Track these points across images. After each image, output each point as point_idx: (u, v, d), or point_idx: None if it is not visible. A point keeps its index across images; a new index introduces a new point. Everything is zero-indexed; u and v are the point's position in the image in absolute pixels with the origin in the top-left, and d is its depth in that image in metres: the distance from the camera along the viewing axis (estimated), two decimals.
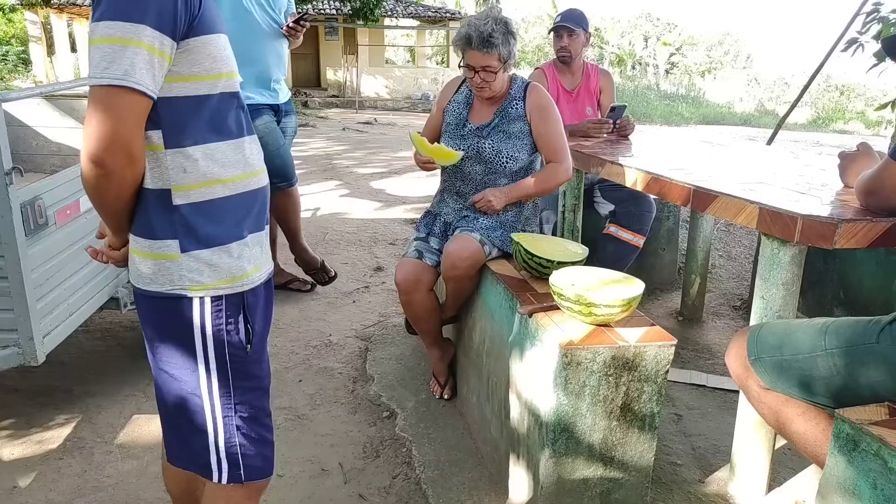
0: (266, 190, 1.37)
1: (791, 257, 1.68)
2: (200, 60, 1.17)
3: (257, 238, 1.32)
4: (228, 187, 1.25)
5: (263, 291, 1.36)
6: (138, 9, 1.07)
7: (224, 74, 1.23)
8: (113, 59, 1.07)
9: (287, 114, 3.36)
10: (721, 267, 4.08)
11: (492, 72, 2.23)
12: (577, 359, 1.62)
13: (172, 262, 1.21)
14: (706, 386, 2.62)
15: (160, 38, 1.09)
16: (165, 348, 1.27)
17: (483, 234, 2.24)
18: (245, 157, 1.29)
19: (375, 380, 2.64)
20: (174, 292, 1.22)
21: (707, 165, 2.45)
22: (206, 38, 1.18)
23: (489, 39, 2.18)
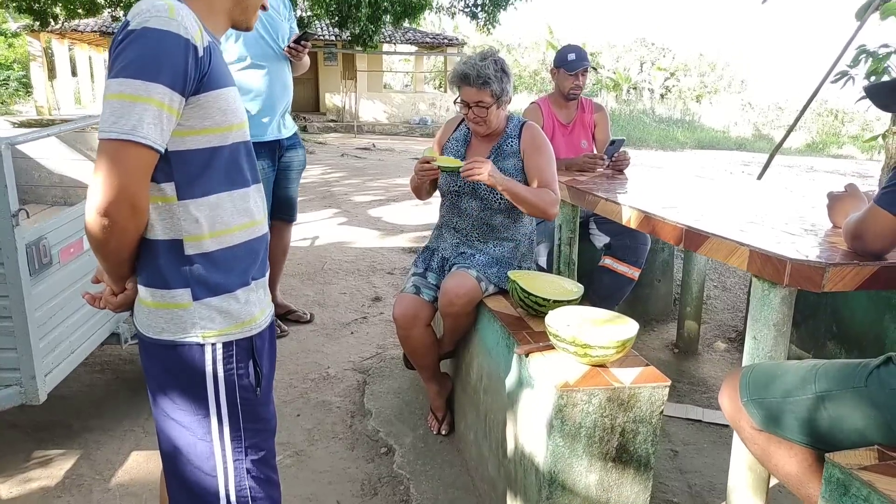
0: (268, 236, 1.41)
1: (781, 299, 1.72)
2: (211, 114, 1.22)
3: (261, 283, 1.37)
4: (237, 236, 1.29)
5: (268, 334, 1.40)
6: (150, 68, 1.12)
7: (235, 126, 1.27)
8: (122, 115, 1.11)
9: (291, 148, 3.34)
10: (716, 298, 4.12)
11: (484, 107, 2.29)
12: (572, 400, 1.65)
13: (185, 311, 1.24)
14: (702, 421, 2.64)
15: (170, 94, 1.14)
16: (175, 396, 1.29)
17: (480, 271, 2.27)
18: (252, 205, 1.33)
19: (373, 414, 2.66)
20: (186, 340, 1.25)
21: (699, 203, 2.50)
22: (217, 92, 1.22)
23: (483, 76, 2.25)
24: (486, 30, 13.57)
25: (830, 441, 1.50)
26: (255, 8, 1.34)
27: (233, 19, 1.33)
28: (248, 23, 1.36)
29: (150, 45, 1.12)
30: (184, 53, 1.14)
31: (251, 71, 3.04)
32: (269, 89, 3.11)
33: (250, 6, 1.33)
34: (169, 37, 1.13)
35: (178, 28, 1.14)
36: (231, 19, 1.33)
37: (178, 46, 1.14)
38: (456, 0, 13.20)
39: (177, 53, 1.14)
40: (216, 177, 1.25)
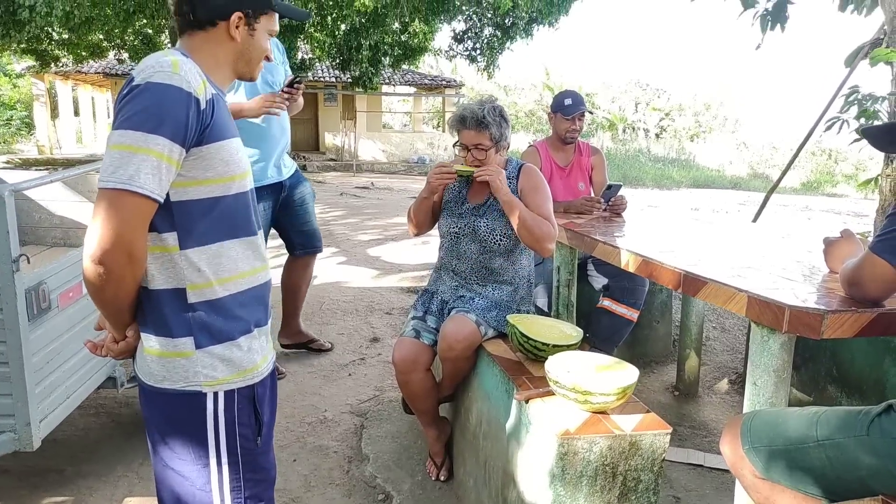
0: (270, 283, 1.42)
1: (781, 345, 1.72)
2: (214, 165, 1.24)
3: (264, 330, 1.37)
4: (240, 283, 1.31)
5: (270, 381, 1.40)
6: (151, 120, 1.15)
7: (237, 176, 1.30)
8: (121, 165, 1.13)
9: (298, 184, 3.42)
10: (715, 339, 4.10)
11: (483, 149, 2.32)
12: (573, 448, 1.63)
13: (187, 360, 1.24)
14: (704, 466, 2.61)
15: (170, 146, 1.16)
16: (176, 445, 1.28)
17: (479, 315, 2.27)
18: (255, 253, 1.35)
19: (371, 459, 2.62)
20: (189, 389, 1.25)
21: (697, 246, 2.52)
22: (219, 144, 1.25)
23: (481, 120, 2.29)
24: (488, 73, 13.80)
25: (833, 490, 1.48)
26: (258, 60, 1.38)
27: (237, 71, 1.37)
28: (251, 74, 1.40)
29: (152, 99, 1.15)
30: (185, 106, 1.17)
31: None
32: (269, 133, 3.16)
33: (254, 58, 1.37)
34: (171, 90, 1.16)
35: (181, 82, 1.18)
36: (236, 71, 1.37)
37: (179, 100, 1.17)
38: (455, 44, 13.44)
39: (178, 106, 1.16)
40: (219, 226, 1.27)
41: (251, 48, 1.35)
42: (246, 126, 3.04)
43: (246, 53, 1.35)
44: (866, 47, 3.99)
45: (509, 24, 12.52)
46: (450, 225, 2.44)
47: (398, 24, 12.20)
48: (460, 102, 2.66)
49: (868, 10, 4.54)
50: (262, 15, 1.34)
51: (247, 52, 1.35)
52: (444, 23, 12.45)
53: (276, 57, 3.25)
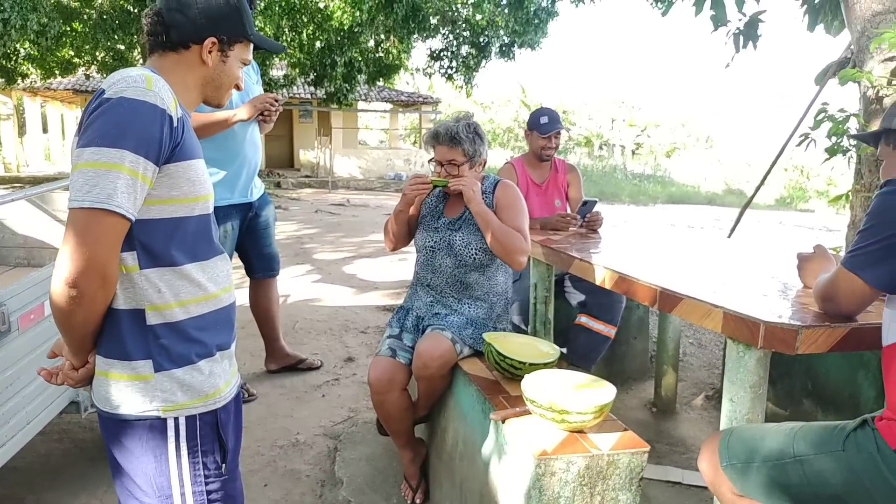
0: (234, 306, 1.38)
1: (756, 360, 1.70)
2: (180, 185, 1.21)
3: (226, 353, 1.33)
4: (202, 306, 1.26)
5: (234, 406, 1.34)
6: (123, 136, 1.11)
7: (201, 197, 1.26)
8: (96, 184, 1.09)
9: (265, 206, 3.39)
10: (692, 355, 4.11)
11: (456, 164, 2.31)
12: (550, 469, 1.60)
13: (146, 383, 1.19)
14: (682, 483, 2.59)
15: (144, 163, 1.13)
16: (136, 474, 1.23)
17: (455, 333, 2.24)
18: (217, 275, 1.31)
19: (345, 483, 2.56)
20: (147, 415, 1.20)
21: (672, 263, 2.51)
22: (187, 163, 1.22)
23: (454, 136, 2.30)
24: (466, 92, 13.87)
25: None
26: (228, 87, 1.36)
27: (205, 95, 1.35)
28: (219, 100, 1.37)
29: (125, 115, 1.12)
30: (159, 123, 1.14)
31: (224, 133, 3.03)
32: (242, 151, 3.12)
33: (223, 84, 1.35)
34: (145, 107, 1.13)
35: (155, 98, 1.15)
36: (203, 95, 1.35)
37: (153, 116, 1.14)
38: (431, 62, 13.51)
39: (152, 123, 1.14)
40: (181, 247, 1.23)
41: (222, 74, 1.33)
42: (218, 144, 2.99)
43: (216, 79, 1.33)
44: (835, 66, 4.07)
45: (485, 43, 12.61)
46: (425, 239, 2.42)
47: (373, 41, 12.23)
48: (437, 119, 2.67)
49: (836, 30, 4.64)
50: (236, 43, 1.33)
51: (217, 79, 1.33)
52: (420, 40, 12.51)
53: (251, 76, 3.22)
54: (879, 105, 3.39)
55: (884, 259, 1.41)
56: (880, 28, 3.28)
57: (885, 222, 1.42)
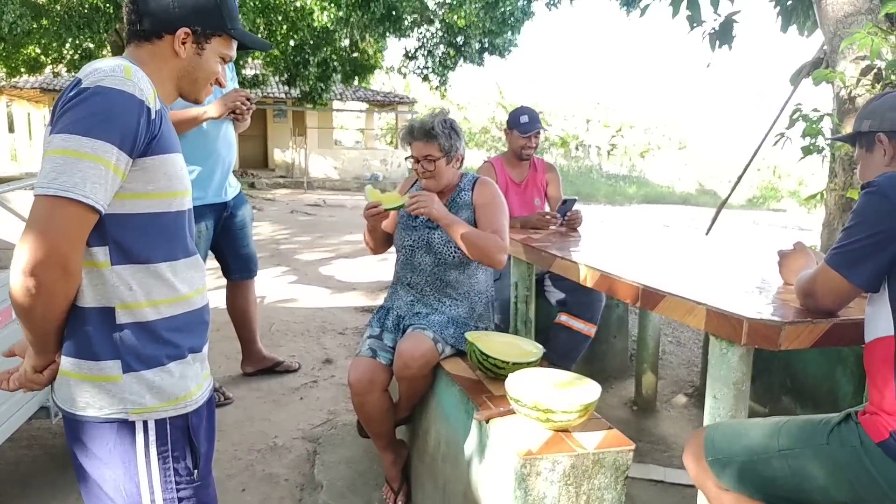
0: (207, 308, 1.34)
1: (740, 357, 1.70)
2: (156, 179, 1.17)
3: (198, 356, 1.29)
4: (174, 307, 1.22)
5: (206, 410, 1.30)
6: (101, 126, 1.07)
7: (179, 193, 1.22)
8: (64, 171, 1.05)
9: (241, 206, 3.32)
10: (672, 353, 4.13)
11: (432, 160, 2.29)
12: (536, 468, 1.58)
13: (113, 385, 1.15)
14: (664, 481, 2.59)
15: (118, 154, 1.09)
16: (104, 480, 1.18)
17: (436, 332, 2.21)
18: (191, 276, 1.27)
19: (324, 487, 2.51)
20: (114, 417, 1.15)
21: (653, 260, 2.51)
22: (164, 157, 1.18)
23: (429, 131, 2.28)
24: (441, 92, 13.86)
25: (795, 499, 1.48)
26: (204, 82, 1.31)
27: (181, 90, 1.30)
28: (196, 95, 1.32)
29: (103, 104, 1.08)
30: (137, 114, 1.10)
31: (196, 131, 2.97)
32: (215, 150, 3.05)
33: (199, 79, 1.30)
34: (123, 97, 1.10)
35: (133, 89, 1.11)
36: (179, 90, 1.30)
37: (131, 107, 1.10)
38: (407, 61, 13.47)
39: (129, 114, 1.10)
40: (156, 244, 1.19)
41: (197, 68, 1.27)
42: (192, 142, 2.92)
43: (191, 73, 1.27)
44: (809, 66, 4.13)
45: (462, 43, 12.61)
46: (404, 238, 2.39)
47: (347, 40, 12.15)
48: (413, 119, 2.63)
49: (809, 31, 4.71)
50: (214, 36, 1.27)
51: (192, 72, 1.27)
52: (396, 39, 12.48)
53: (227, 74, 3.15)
54: (852, 105, 3.45)
55: (866, 257, 1.42)
56: (852, 28, 3.33)
57: (867, 221, 1.42)
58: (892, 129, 1.54)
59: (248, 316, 3.54)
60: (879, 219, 1.40)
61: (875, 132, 1.56)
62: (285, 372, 3.68)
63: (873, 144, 1.58)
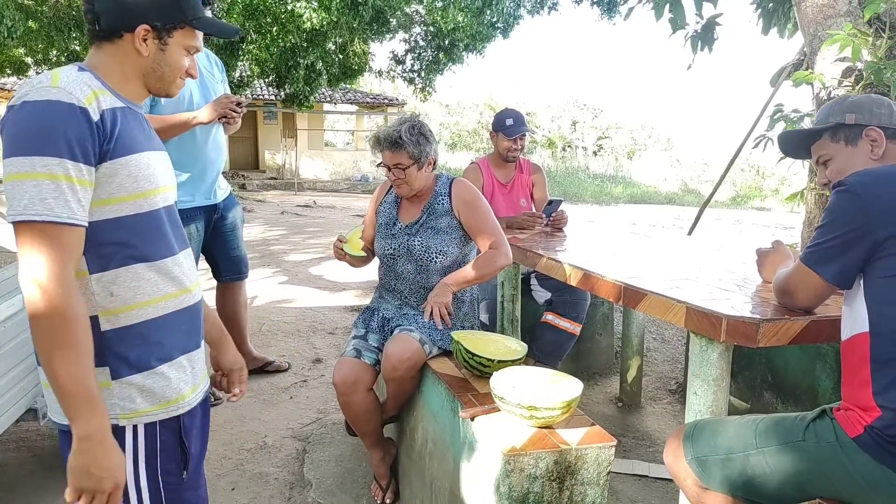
0: (199, 305, 1.34)
1: (719, 354, 1.74)
2: (121, 182, 1.16)
3: (191, 357, 1.28)
4: (160, 307, 1.22)
5: (200, 410, 1.31)
6: (49, 142, 1.06)
7: (149, 192, 1.21)
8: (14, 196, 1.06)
9: (231, 207, 3.34)
10: (656, 350, 4.18)
11: (402, 168, 2.30)
12: (519, 465, 1.61)
13: (103, 391, 1.15)
14: (648, 476, 2.63)
15: (76, 166, 1.08)
16: None
17: (423, 333, 2.24)
18: (178, 273, 1.26)
19: (314, 485, 2.54)
20: None
21: (636, 259, 2.55)
22: (125, 159, 1.16)
23: (396, 140, 2.28)
24: (424, 95, 13.89)
25: (774, 496, 1.51)
26: (172, 77, 1.27)
27: (149, 87, 1.27)
28: (166, 90, 1.29)
29: (31, 119, 1.07)
30: (71, 119, 1.08)
31: (186, 134, 2.98)
32: (204, 153, 3.06)
33: (166, 74, 1.26)
34: (51, 106, 1.08)
35: (60, 95, 1.09)
36: (147, 86, 1.27)
37: (61, 113, 1.08)
38: (394, 65, 13.49)
39: (62, 121, 1.08)
40: (130, 247, 1.18)
41: (162, 64, 1.24)
42: (181, 146, 2.93)
43: (157, 70, 1.24)
44: (789, 68, 4.19)
45: (449, 46, 12.65)
46: (384, 247, 2.41)
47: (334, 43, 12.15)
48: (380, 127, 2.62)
49: (790, 33, 4.78)
50: (176, 30, 1.23)
51: (157, 69, 1.24)
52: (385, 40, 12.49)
53: (215, 75, 3.17)
54: None
55: (839, 255, 1.46)
56: (831, 30, 3.39)
57: (839, 220, 1.46)
58: (881, 125, 1.55)
59: (237, 317, 3.55)
60: (851, 217, 1.43)
61: (864, 125, 1.56)
62: (275, 372, 3.69)
63: (858, 138, 1.58)
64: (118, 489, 1.11)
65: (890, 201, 1.40)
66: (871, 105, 1.61)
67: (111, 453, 1.10)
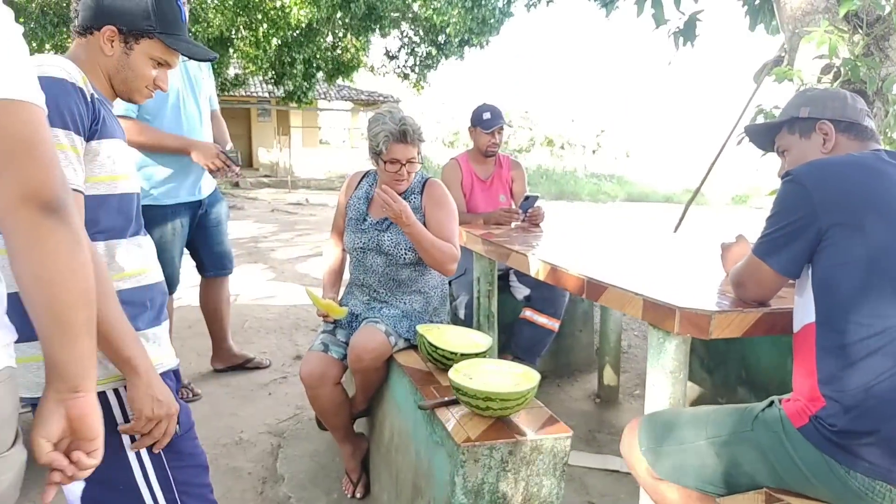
0: (162, 285, 1.38)
1: (675, 346, 1.75)
2: (103, 162, 1.22)
3: (156, 333, 1.32)
4: (125, 282, 1.26)
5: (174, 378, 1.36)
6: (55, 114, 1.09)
7: (122, 176, 1.27)
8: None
9: (213, 204, 3.33)
10: (636, 346, 4.19)
11: (414, 162, 2.29)
12: (474, 455, 1.62)
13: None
14: (620, 471, 2.64)
15: (80, 139, 1.15)
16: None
17: (389, 325, 2.25)
18: (141, 253, 1.32)
19: (286, 479, 2.55)
20: None
21: (607, 254, 2.56)
22: (106, 141, 1.23)
23: (419, 132, 2.27)
24: (418, 89, 13.90)
25: (724, 485, 1.52)
26: (135, 85, 1.33)
27: (115, 87, 1.33)
28: (129, 96, 1.36)
29: None
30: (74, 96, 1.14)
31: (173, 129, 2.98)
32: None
33: (129, 79, 1.32)
34: (55, 83, 1.13)
35: (62, 73, 1.14)
36: (115, 88, 1.33)
37: (65, 90, 1.13)
38: (387, 61, 13.49)
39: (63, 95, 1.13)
40: (103, 224, 1.24)
41: (125, 68, 1.30)
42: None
43: (121, 73, 1.31)
44: (771, 64, 4.20)
45: (443, 42, 12.66)
46: (354, 241, 2.40)
47: (331, 38, 12.16)
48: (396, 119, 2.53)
49: (775, 30, 4.79)
50: (142, 38, 1.30)
51: (121, 71, 1.31)
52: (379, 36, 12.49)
53: (202, 69, 3.17)
54: None
55: (786, 245, 1.47)
56: (809, 27, 3.40)
57: (786, 210, 1.47)
58: (834, 118, 1.58)
59: (220, 313, 3.56)
60: (796, 206, 1.44)
61: (816, 119, 1.59)
62: (255, 368, 3.70)
63: (811, 131, 1.60)
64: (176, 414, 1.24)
65: (833, 190, 1.41)
66: (825, 99, 1.63)
67: (162, 383, 1.22)
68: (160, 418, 1.20)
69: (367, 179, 2.50)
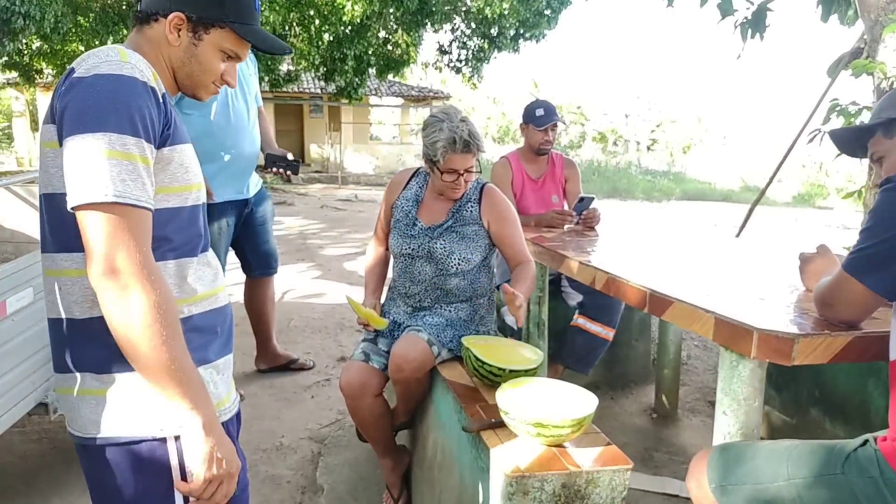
0: (229, 308, 1.24)
1: (751, 371, 1.57)
2: (173, 171, 1.08)
3: (226, 362, 1.20)
4: (197, 306, 1.13)
5: (237, 421, 1.24)
6: (125, 119, 0.98)
7: (194, 186, 1.14)
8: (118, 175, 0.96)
9: (259, 203, 3.28)
10: (696, 358, 3.96)
11: (472, 171, 2.17)
12: (523, 488, 1.48)
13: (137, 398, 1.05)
14: (679, 496, 2.46)
15: (150, 148, 1.02)
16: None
17: (432, 334, 2.11)
18: (212, 273, 1.18)
19: (325, 490, 2.46)
20: (140, 437, 1.05)
21: (670, 263, 2.38)
22: (180, 147, 1.10)
23: (481, 141, 2.14)
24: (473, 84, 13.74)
25: None
26: (201, 79, 1.18)
27: (178, 81, 1.19)
28: (194, 92, 1.20)
29: (103, 94, 0.98)
30: (142, 98, 1.01)
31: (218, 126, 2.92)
32: (238, 146, 3.00)
33: (193, 74, 1.17)
34: (125, 82, 1.00)
35: (133, 71, 1.01)
36: (177, 81, 1.18)
37: (135, 91, 1.00)
38: (440, 55, 13.38)
39: (135, 98, 1.00)
40: (171, 241, 1.10)
41: (193, 60, 1.15)
42: (213, 137, 2.88)
43: (186, 65, 1.15)
44: (848, 57, 3.90)
45: (496, 35, 12.46)
46: (402, 245, 2.26)
47: (383, 33, 12.12)
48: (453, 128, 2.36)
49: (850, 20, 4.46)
50: (213, 27, 1.14)
51: (187, 64, 1.15)
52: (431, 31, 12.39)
53: (248, 65, 3.11)
54: None
55: (885, 262, 1.29)
56: (894, 16, 3.12)
57: (887, 221, 1.29)
58: None
59: (265, 313, 3.52)
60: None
61: None
62: (299, 370, 3.64)
63: None
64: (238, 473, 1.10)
65: None
66: None
67: (225, 437, 1.08)
68: (221, 480, 1.05)
69: (416, 180, 2.37)
